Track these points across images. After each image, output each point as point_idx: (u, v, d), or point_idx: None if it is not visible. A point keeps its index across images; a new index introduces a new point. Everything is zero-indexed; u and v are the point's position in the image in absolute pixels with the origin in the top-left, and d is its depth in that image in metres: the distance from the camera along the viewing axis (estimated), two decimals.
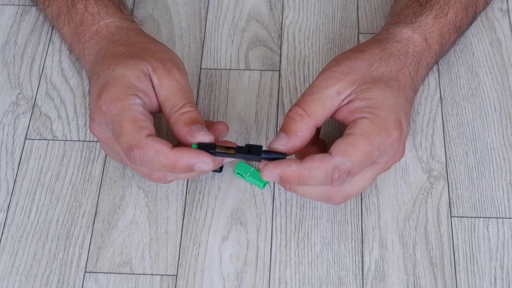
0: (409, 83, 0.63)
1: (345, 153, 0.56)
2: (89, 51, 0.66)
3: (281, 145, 0.58)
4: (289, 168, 0.56)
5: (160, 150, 0.57)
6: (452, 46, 0.70)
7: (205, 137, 0.59)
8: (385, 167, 0.62)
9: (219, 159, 0.60)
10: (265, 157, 0.58)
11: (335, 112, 0.60)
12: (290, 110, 0.60)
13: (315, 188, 0.60)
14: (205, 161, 0.57)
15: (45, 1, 0.71)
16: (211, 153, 0.58)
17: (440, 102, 0.71)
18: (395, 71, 0.62)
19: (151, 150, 0.57)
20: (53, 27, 0.76)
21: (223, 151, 0.59)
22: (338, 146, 0.57)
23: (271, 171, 0.57)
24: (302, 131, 0.59)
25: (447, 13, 0.67)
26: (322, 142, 0.66)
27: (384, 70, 0.62)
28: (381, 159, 0.60)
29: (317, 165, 0.56)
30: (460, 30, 0.69)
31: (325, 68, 0.62)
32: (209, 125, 0.63)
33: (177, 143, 0.61)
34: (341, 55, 0.63)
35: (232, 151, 0.59)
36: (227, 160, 0.61)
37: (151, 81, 0.62)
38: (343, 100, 0.60)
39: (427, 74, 0.68)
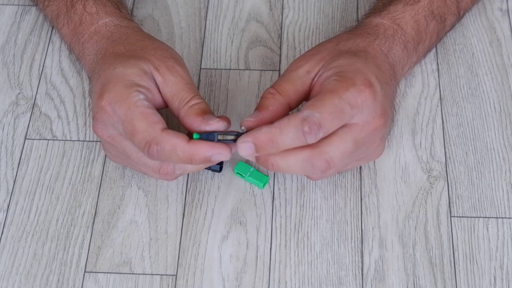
0: (381, 56, 0.63)
1: (312, 107, 0.57)
2: (89, 51, 0.66)
3: (252, 117, 0.59)
4: (260, 131, 0.57)
5: (177, 144, 0.57)
6: (438, 36, 0.70)
7: (220, 124, 0.59)
8: (366, 131, 0.59)
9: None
10: None
11: (311, 92, 0.61)
12: (264, 92, 0.61)
13: (295, 158, 0.58)
14: (222, 153, 0.58)
15: (44, 1, 0.72)
16: (212, 141, 0.59)
17: (440, 102, 0.71)
18: (363, 45, 0.64)
19: (168, 144, 0.57)
20: (53, 27, 0.76)
21: (223, 138, 0.59)
22: (307, 104, 0.58)
23: (243, 140, 0.57)
24: (273, 106, 0.59)
25: (419, 0, 0.68)
26: None
27: (351, 45, 0.63)
28: (357, 119, 0.59)
29: (286, 121, 0.56)
30: (440, 18, 0.69)
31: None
32: None
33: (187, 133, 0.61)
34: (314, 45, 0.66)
35: (233, 137, 0.59)
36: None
37: (154, 79, 0.62)
38: (314, 78, 0.61)
39: (411, 58, 0.67)
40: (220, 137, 0.59)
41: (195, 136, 0.58)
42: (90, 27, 0.67)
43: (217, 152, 0.58)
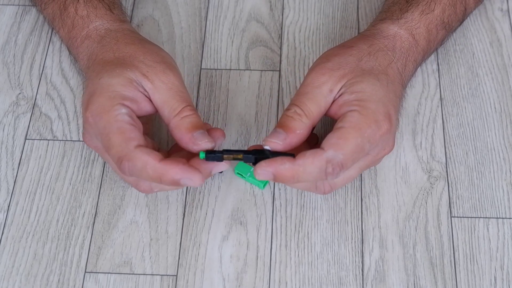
0: (397, 78, 0.63)
1: (336, 147, 0.57)
2: (82, 56, 0.66)
3: (279, 139, 0.58)
4: (283, 167, 0.56)
5: (147, 162, 0.57)
6: (441, 43, 0.70)
7: (208, 145, 0.59)
8: (374, 159, 0.62)
9: (207, 174, 0.59)
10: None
11: (328, 110, 0.61)
12: (287, 109, 0.60)
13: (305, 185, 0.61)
14: (192, 179, 0.57)
15: (41, 4, 0.71)
16: (218, 161, 0.59)
17: (440, 102, 0.71)
18: (384, 65, 0.63)
19: (139, 162, 0.57)
20: (52, 29, 0.76)
21: (231, 159, 0.59)
22: (330, 140, 0.57)
23: (264, 169, 0.57)
24: (300, 130, 0.59)
25: (433, 9, 0.67)
26: (314, 136, 0.66)
27: (373, 64, 0.62)
28: (372, 151, 0.60)
29: (310, 161, 0.56)
30: (449, 26, 0.69)
31: (315, 64, 0.63)
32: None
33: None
34: (330, 51, 0.64)
35: (241, 156, 0.59)
36: (216, 170, 0.60)
37: (142, 87, 0.61)
38: (335, 96, 0.60)
39: (415, 70, 0.68)
40: (226, 157, 0.58)
41: (201, 155, 0.58)
42: (82, 31, 0.67)
43: (187, 177, 0.57)
